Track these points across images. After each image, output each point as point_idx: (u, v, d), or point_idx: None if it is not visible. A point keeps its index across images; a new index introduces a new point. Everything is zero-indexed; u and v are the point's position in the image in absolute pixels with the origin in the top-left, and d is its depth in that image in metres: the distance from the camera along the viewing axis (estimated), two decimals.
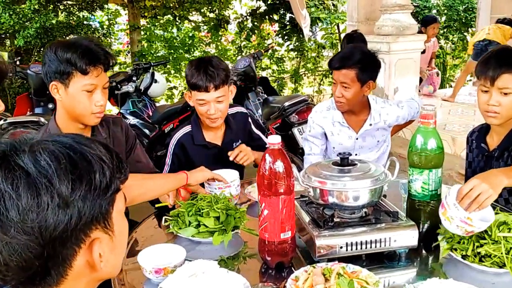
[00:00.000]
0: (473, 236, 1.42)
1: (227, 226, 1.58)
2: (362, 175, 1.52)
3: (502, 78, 1.74)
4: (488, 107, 1.80)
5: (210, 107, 2.14)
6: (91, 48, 1.73)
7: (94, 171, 0.78)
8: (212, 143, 2.29)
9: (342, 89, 2.32)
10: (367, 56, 2.35)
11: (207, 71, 2.10)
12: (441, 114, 5.83)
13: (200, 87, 2.11)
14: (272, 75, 7.86)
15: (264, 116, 4.40)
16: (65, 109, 1.80)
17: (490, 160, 1.94)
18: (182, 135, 2.30)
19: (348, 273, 1.29)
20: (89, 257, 0.80)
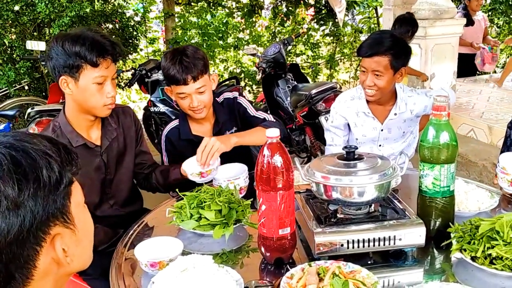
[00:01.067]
0: (484, 237, 1.34)
1: (229, 220, 1.56)
2: (369, 169, 1.45)
3: None
4: None
5: (192, 100, 2.07)
6: (98, 40, 1.73)
7: (40, 167, 0.76)
8: (200, 136, 2.16)
9: (374, 77, 2.21)
10: (399, 42, 2.24)
11: (182, 62, 2.00)
12: (479, 101, 5.57)
13: (178, 80, 2.03)
14: (306, 61, 7.71)
15: (292, 104, 4.33)
16: (76, 102, 1.82)
17: None
18: (169, 130, 2.25)
19: (344, 273, 1.24)
20: (53, 254, 0.79)
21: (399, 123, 2.40)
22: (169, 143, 2.24)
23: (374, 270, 1.30)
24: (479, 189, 1.75)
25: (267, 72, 4.52)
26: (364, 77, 2.25)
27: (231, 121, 2.27)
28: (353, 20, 8.44)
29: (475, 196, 1.69)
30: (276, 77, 4.57)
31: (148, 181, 2.12)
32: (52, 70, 1.76)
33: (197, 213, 1.57)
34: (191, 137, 2.20)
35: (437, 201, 1.49)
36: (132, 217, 1.87)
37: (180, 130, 2.22)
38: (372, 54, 2.18)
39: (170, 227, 1.65)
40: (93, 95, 1.77)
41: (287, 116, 4.47)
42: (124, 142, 2.01)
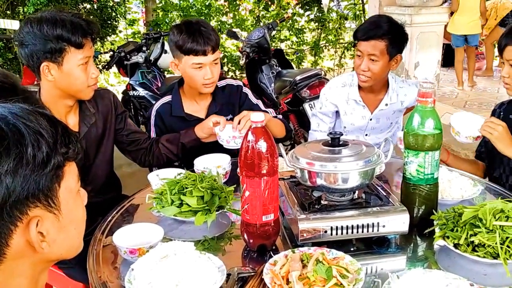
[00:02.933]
0: (466, 225, 1.34)
1: (211, 206, 1.53)
2: (353, 156, 1.43)
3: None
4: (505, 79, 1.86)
5: (207, 71, 2.05)
6: (77, 21, 1.68)
7: (26, 144, 0.73)
8: (193, 115, 2.17)
9: (369, 62, 2.18)
10: (397, 27, 2.21)
11: (202, 33, 2.01)
12: (462, 91, 5.63)
13: (197, 51, 2.01)
14: (291, 47, 7.67)
15: (276, 90, 4.30)
16: (58, 88, 1.76)
17: None
18: (160, 105, 2.21)
19: (327, 260, 1.23)
20: (28, 236, 0.76)
21: (389, 114, 2.39)
22: (159, 118, 2.20)
23: (358, 257, 1.29)
24: (462, 177, 1.76)
25: (251, 57, 4.46)
26: (359, 61, 2.22)
27: (228, 107, 2.23)
28: (338, 6, 8.41)
29: (458, 184, 1.70)
30: (260, 63, 4.52)
31: (153, 154, 2.08)
32: (29, 57, 1.67)
33: (179, 199, 1.53)
34: (183, 114, 2.17)
35: (421, 188, 1.48)
36: (111, 204, 1.82)
37: (172, 106, 2.19)
38: (369, 37, 2.16)
39: (150, 213, 1.62)
40: (79, 77, 1.73)
41: (271, 103, 4.44)
42: (103, 126, 1.96)
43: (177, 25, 2.12)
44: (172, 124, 2.18)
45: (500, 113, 2.04)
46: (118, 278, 1.32)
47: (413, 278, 1.15)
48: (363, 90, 2.35)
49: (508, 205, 1.35)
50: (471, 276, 1.20)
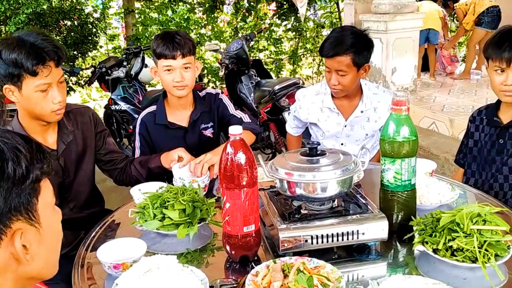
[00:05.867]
0: (445, 229, 1.36)
1: (193, 219, 1.53)
2: (331, 165, 1.45)
3: None
4: (505, 87, 1.86)
5: (176, 74, 2.12)
6: (36, 45, 1.64)
7: (7, 159, 0.77)
8: (175, 123, 2.24)
9: (338, 76, 2.22)
10: (360, 38, 2.23)
11: (174, 39, 2.10)
12: (440, 94, 5.72)
13: (166, 55, 2.10)
14: (269, 57, 7.73)
15: (256, 100, 4.33)
16: (24, 109, 1.75)
17: (505, 132, 1.97)
18: (145, 114, 2.29)
19: (308, 269, 1.24)
20: (12, 249, 0.79)
21: (363, 121, 2.41)
22: (143, 127, 2.27)
23: (339, 265, 1.30)
24: (440, 182, 1.79)
25: (230, 68, 4.49)
26: (329, 76, 2.26)
27: (209, 115, 2.32)
28: (315, 15, 8.51)
29: (436, 189, 1.72)
30: (239, 73, 4.55)
31: (126, 175, 2.10)
32: None
33: (161, 213, 1.54)
34: (165, 123, 2.24)
35: (399, 195, 1.51)
36: (94, 219, 1.82)
37: (156, 115, 2.26)
38: (333, 54, 2.18)
39: (133, 228, 1.61)
40: (38, 103, 1.70)
41: (251, 113, 4.45)
42: (83, 143, 1.97)
43: (157, 34, 2.28)
44: (155, 133, 2.25)
45: (483, 118, 2.06)
46: None
47: (393, 284, 1.17)
48: (337, 98, 2.39)
49: (484, 209, 1.37)
50: (451, 280, 1.22)
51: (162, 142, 2.23)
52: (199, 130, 2.27)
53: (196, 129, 2.27)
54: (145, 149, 2.26)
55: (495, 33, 1.93)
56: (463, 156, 2.15)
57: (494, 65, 1.87)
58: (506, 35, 1.86)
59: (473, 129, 2.09)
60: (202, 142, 2.28)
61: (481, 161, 2.04)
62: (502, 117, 1.98)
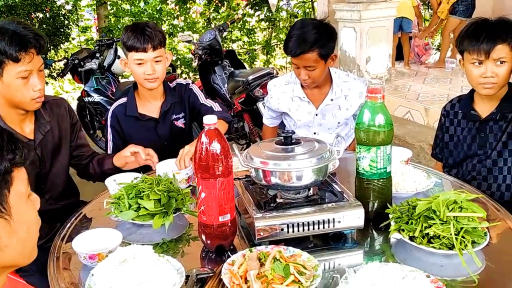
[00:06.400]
0: (421, 217, 1.36)
1: (169, 209, 1.52)
2: (306, 153, 1.44)
3: (496, 49, 1.80)
4: (485, 79, 1.85)
5: (147, 67, 2.11)
6: (18, 33, 1.65)
7: None
8: (146, 115, 2.23)
9: (307, 71, 2.21)
10: (322, 30, 2.19)
11: (144, 32, 2.08)
12: (415, 83, 5.77)
13: (137, 48, 2.09)
14: (243, 47, 7.69)
15: (230, 91, 4.30)
16: (3, 97, 1.74)
17: (485, 126, 1.96)
18: (116, 106, 2.27)
19: (284, 257, 1.23)
20: None
21: (334, 109, 2.41)
22: (115, 119, 2.25)
23: (315, 254, 1.30)
24: (416, 170, 1.80)
25: (203, 59, 4.45)
26: (298, 71, 2.25)
27: (180, 106, 2.31)
28: (288, 5, 8.49)
29: (412, 177, 1.73)
30: (213, 64, 4.51)
31: (86, 171, 2.10)
32: None
33: (136, 203, 1.52)
34: (136, 114, 2.23)
35: (374, 183, 1.51)
36: (69, 211, 1.80)
37: (126, 107, 2.25)
38: (300, 53, 2.15)
39: (108, 218, 1.60)
40: (19, 90, 1.71)
41: (225, 103, 4.43)
42: (59, 134, 1.97)
43: (127, 26, 2.23)
44: (126, 124, 2.24)
45: (457, 112, 2.06)
46: (79, 284, 1.30)
47: (369, 272, 1.17)
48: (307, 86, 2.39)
49: (461, 196, 1.37)
50: (428, 267, 1.22)
51: (134, 134, 2.22)
52: (170, 121, 2.26)
53: (167, 120, 2.26)
54: (117, 142, 2.24)
55: (467, 26, 1.92)
56: (440, 150, 2.15)
57: (471, 58, 1.85)
58: (481, 26, 1.85)
59: (448, 123, 2.09)
60: (174, 133, 2.27)
61: (459, 155, 2.04)
62: (478, 109, 1.98)
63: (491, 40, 1.80)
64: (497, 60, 1.82)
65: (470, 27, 1.89)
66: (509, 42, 1.81)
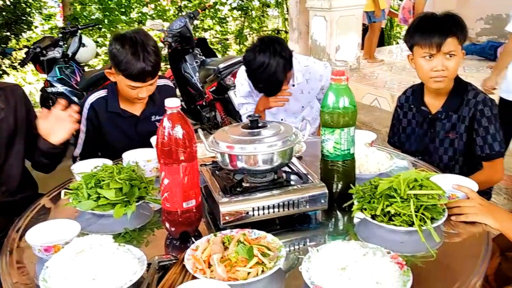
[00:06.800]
0: (383, 196, 1.38)
1: (131, 197, 1.48)
2: (272, 136, 1.44)
3: (447, 43, 1.83)
4: (436, 72, 1.87)
5: (141, 91, 2.02)
6: None
7: None
8: (128, 111, 2.15)
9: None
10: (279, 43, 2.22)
11: (146, 60, 1.91)
12: (382, 71, 5.85)
13: (138, 78, 1.95)
14: (215, 37, 7.63)
15: (201, 79, 4.26)
16: None
17: (434, 122, 1.99)
18: (95, 99, 2.16)
19: (249, 240, 1.23)
20: None
21: (297, 94, 2.43)
22: (93, 112, 2.14)
23: (280, 236, 1.30)
24: (379, 152, 1.82)
25: (174, 47, 4.39)
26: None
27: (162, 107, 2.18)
28: None
29: (375, 159, 1.76)
30: (184, 52, 4.46)
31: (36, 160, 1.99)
32: None
33: (96, 193, 1.48)
34: (118, 111, 2.14)
35: (338, 165, 1.52)
36: (27, 204, 1.73)
37: (107, 102, 2.14)
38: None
39: (67, 209, 1.55)
40: None
41: (196, 93, 4.40)
42: (14, 123, 1.88)
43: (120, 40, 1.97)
44: (106, 119, 2.15)
45: (411, 107, 2.09)
46: (34, 278, 1.25)
47: (332, 250, 1.18)
48: None
49: (421, 174, 1.41)
50: (389, 245, 1.24)
51: (112, 129, 2.15)
52: (151, 120, 2.21)
53: (149, 119, 2.19)
54: (90, 134, 2.17)
55: (416, 20, 1.94)
56: (397, 139, 2.18)
57: (423, 51, 1.87)
58: (431, 20, 1.88)
59: (402, 115, 2.13)
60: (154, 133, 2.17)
61: (411, 146, 2.09)
62: (429, 104, 2.01)
63: (443, 33, 1.83)
64: (448, 53, 1.84)
65: (419, 21, 1.92)
66: (458, 35, 1.85)
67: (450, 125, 1.96)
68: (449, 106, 1.95)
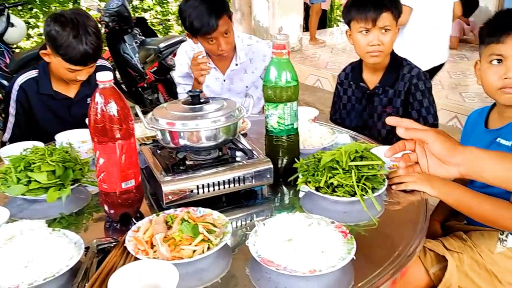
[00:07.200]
0: (326, 168, 1.39)
1: (65, 180, 1.40)
2: (215, 112, 1.40)
3: (382, 17, 1.87)
4: (372, 47, 1.91)
5: (81, 74, 1.93)
6: None
7: None
8: (61, 93, 2.04)
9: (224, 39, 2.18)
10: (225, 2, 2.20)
11: (88, 43, 1.83)
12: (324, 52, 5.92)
13: (79, 63, 1.87)
14: (156, 17, 7.41)
15: (141, 60, 4.12)
16: None
17: (372, 97, 2.03)
18: (25, 80, 2.02)
19: (193, 218, 1.19)
20: None
21: (241, 73, 2.40)
22: (23, 94, 2.02)
23: (227, 213, 1.28)
24: (321, 127, 1.83)
25: (111, 27, 4.21)
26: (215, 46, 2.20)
27: None
28: None
29: (318, 134, 1.76)
30: (122, 33, 4.29)
31: None
32: None
33: (26, 177, 1.38)
34: (51, 92, 2.03)
35: (283, 140, 1.50)
36: None
37: (39, 83, 2.02)
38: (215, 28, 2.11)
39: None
40: None
41: (137, 74, 4.25)
42: None
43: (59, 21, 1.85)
44: (37, 102, 2.03)
45: (350, 83, 2.11)
46: None
47: (277, 222, 1.17)
48: None
49: (361, 146, 1.43)
50: (333, 215, 1.24)
51: (44, 112, 2.04)
52: (86, 103, 2.07)
53: (83, 101, 2.07)
54: (20, 117, 2.04)
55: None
56: (339, 115, 2.20)
57: (358, 26, 1.91)
58: None
59: (342, 92, 2.16)
60: None
61: (352, 122, 2.12)
62: (367, 80, 2.05)
63: (378, 8, 1.87)
64: (383, 28, 1.88)
65: None
66: (392, 10, 1.89)
67: (387, 100, 2.00)
68: (386, 82, 1.99)
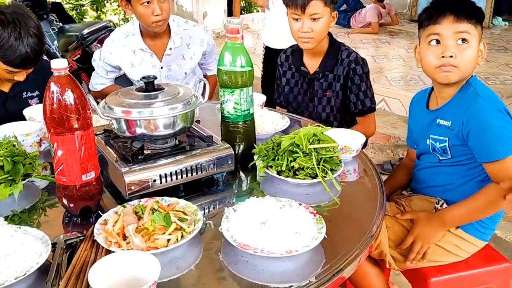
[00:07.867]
0: (286, 152, 1.42)
1: (16, 176, 1.30)
2: (171, 99, 1.37)
3: (311, 5, 1.87)
4: (302, 33, 1.92)
5: (20, 75, 1.81)
6: None
7: None
8: None
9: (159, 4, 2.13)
10: None
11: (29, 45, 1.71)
12: (247, 38, 5.94)
13: (19, 66, 1.75)
14: (69, 2, 6.99)
15: (61, 48, 3.89)
16: None
17: (312, 81, 2.06)
18: None
19: (163, 207, 1.17)
20: None
21: (178, 59, 2.36)
22: None
23: (190, 201, 1.25)
24: (271, 112, 1.86)
25: None
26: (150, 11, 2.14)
27: (36, 83, 1.95)
28: None
29: (269, 119, 1.79)
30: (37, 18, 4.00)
31: None
32: None
33: None
34: None
35: (239, 125, 1.51)
36: None
37: None
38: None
39: None
40: None
41: None
42: None
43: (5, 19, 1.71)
44: None
45: (291, 66, 2.13)
46: None
47: (249, 207, 1.18)
48: (147, 37, 2.28)
49: (318, 129, 1.47)
50: (296, 197, 1.27)
51: None
52: (23, 98, 1.95)
53: (20, 97, 1.94)
54: None
55: None
56: (284, 98, 2.22)
57: (290, 12, 1.93)
58: None
59: (282, 74, 2.18)
60: None
61: (292, 105, 2.17)
62: (307, 64, 2.07)
63: None
64: (312, 15, 1.88)
65: None
66: None
67: (327, 84, 2.05)
68: (325, 66, 2.03)
